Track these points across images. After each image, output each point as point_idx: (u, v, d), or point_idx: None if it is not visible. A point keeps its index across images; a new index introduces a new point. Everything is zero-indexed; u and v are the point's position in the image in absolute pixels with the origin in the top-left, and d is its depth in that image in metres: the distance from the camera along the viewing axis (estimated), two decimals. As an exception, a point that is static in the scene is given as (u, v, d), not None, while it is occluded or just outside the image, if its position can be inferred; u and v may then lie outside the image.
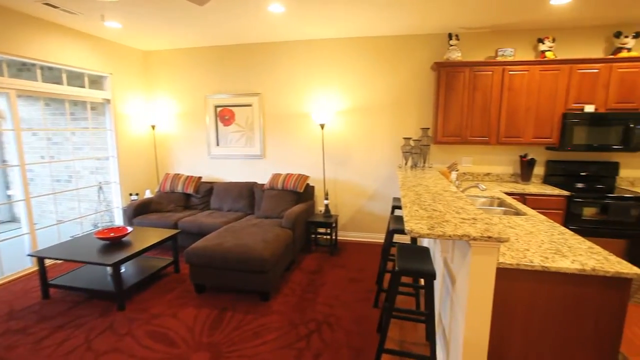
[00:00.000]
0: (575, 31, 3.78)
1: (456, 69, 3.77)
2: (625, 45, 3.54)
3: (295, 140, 4.68)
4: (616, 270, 1.58)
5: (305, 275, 3.58)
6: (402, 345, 2.44)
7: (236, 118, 4.83)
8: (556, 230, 2.16)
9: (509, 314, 1.73)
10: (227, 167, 4.98)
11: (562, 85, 3.58)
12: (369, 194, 4.61)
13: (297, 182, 4.31)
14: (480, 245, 1.62)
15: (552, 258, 1.70)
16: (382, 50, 4.25)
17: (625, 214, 3.38)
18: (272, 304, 2.99)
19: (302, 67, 4.49)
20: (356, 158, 4.56)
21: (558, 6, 3.15)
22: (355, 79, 4.38)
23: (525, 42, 3.90)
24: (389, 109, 4.36)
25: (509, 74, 3.66)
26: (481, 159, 4.20)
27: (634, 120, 3.45)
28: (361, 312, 2.87)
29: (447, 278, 2.20)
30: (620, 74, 3.47)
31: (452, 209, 2.04)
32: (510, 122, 3.74)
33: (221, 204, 4.56)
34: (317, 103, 4.54)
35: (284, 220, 3.77)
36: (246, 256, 2.97)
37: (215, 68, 4.77)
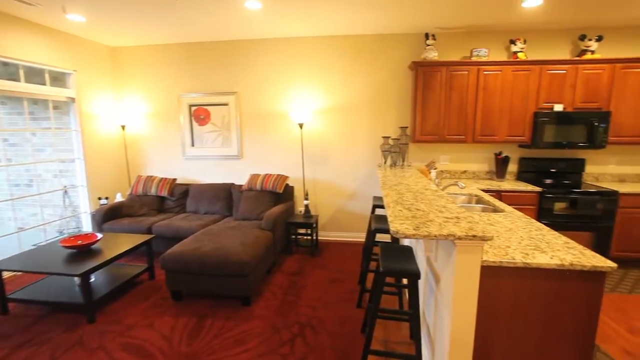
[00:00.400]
0: (545, 33, 3.93)
1: (433, 68, 3.82)
2: (589, 48, 3.72)
3: (274, 140, 4.60)
4: (592, 264, 1.63)
5: (287, 278, 3.52)
6: (386, 345, 2.43)
7: (212, 117, 4.68)
8: (533, 226, 2.22)
9: (493, 310, 1.75)
10: (203, 168, 4.82)
11: (533, 85, 3.71)
12: (348, 193, 4.60)
13: (276, 183, 4.23)
14: (465, 244, 1.63)
15: (532, 254, 1.74)
16: (361, 49, 4.25)
17: (592, 208, 3.55)
18: (254, 308, 2.91)
19: (280, 65, 4.41)
20: (335, 157, 4.53)
21: (529, 9, 3.26)
22: (333, 78, 4.36)
23: (498, 43, 4.01)
24: (367, 108, 4.37)
25: (484, 74, 3.76)
26: (458, 157, 4.29)
27: (598, 119, 3.63)
28: (344, 313, 2.84)
29: (431, 277, 2.21)
30: (585, 75, 3.64)
31: (435, 207, 2.05)
32: (485, 121, 3.83)
33: (197, 206, 4.41)
34: (295, 102, 4.47)
35: (263, 221, 3.68)
36: (225, 260, 2.87)
37: (189, 66, 4.59)
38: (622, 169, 4.08)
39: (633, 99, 3.64)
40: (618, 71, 3.60)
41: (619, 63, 3.59)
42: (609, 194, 3.52)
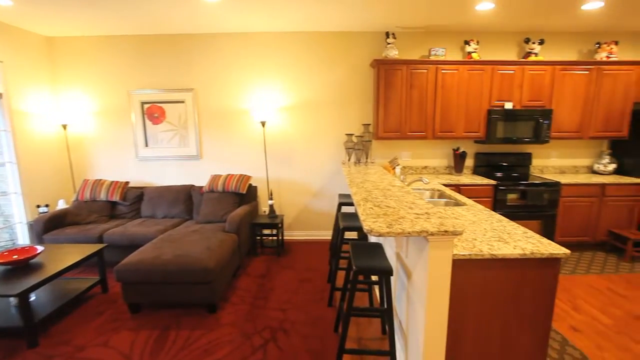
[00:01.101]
0: (495, 35, 4.18)
1: (394, 66, 3.90)
2: (533, 50, 4.01)
3: (235, 138, 4.43)
4: (550, 252, 1.74)
5: (254, 280, 3.41)
6: (360, 343, 2.44)
7: (167, 116, 4.39)
8: (494, 218, 2.33)
9: (462, 301, 1.81)
10: (160, 169, 4.52)
11: (486, 84, 3.93)
12: (313, 192, 4.57)
13: (239, 183, 4.08)
14: (437, 240, 1.66)
15: (497, 246, 1.82)
16: (323, 46, 4.22)
17: (539, 198, 3.85)
18: (221, 315, 2.78)
19: (240, 61, 4.25)
20: (299, 155, 4.48)
21: (482, 11, 3.43)
22: (296, 75, 4.29)
23: (454, 43, 4.19)
24: (331, 105, 4.36)
25: (442, 72, 3.90)
26: (419, 153, 4.43)
27: (542, 116, 3.93)
28: (316, 313, 2.81)
29: (402, 272, 2.24)
30: (530, 76, 3.93)
31: (404, 204, 2.08)
32: (444, 117, 3.99)
33: (154, 210, 4.12)
34: (257, 99, 4.34)
35: (227, 224, 3.54)
36: (189, 267, 2.70)
37: (140, 60, 4.26)
38: (562, 161, 4.48)
39: (570, 98, 3.99)
40: (557, 72, 3.93)
41: (558, 65, 3.92)
42: (553, 184, 3.84)
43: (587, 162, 4.49)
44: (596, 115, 4.03)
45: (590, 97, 4.00)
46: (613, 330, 2.60)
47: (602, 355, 2.32)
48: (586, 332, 2.56)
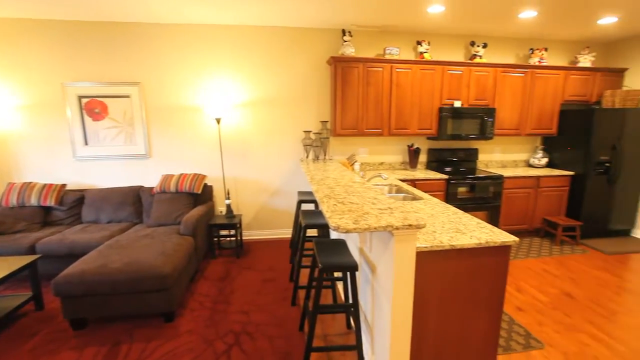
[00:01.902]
0: (445, 37, 4.41)
1: (351, 64, 3.94)
2: (478, 53, 4.30)
3: (188, 136, 4.19)
4: (502, 240, 1.87)
5: (213, 284, 3.27)
6: (326, 339, 2.44)
7: (110, 111, 4.02)
8: (450, 210, 2.46)
9: (425, 291, 1.89)
10: (103, 170, 4.13)
11: (437, 83, 4.13)
12: (272, 190, 4.49)
13: (193, 183, 3.88)
14: (402, 234, 1.71)
15: (455, 237, 1.92)
16: (280, 42, 4.14)
17: (486, 191, 4.15)
18: (179, 323, 2.62)
19: (193, 55, 4.02)
20: (257, 153, 4.36)
21: (433, 14, 3.59)
22: (253, 71, 4.16)
23: (407, 43, 4.35)
24: (288, 102, 4.30)
25: (396, 71, 4.03)
26: (376, 150, 4.55)
27: (487, 114, 4.24)
28: (280, 313, 2.76)
29: (366, 267, 2.28)
30: (476, 77, 4.21)
31: (367, 200, 2.11)
32: (399, 115, 4.13)
33: (98, 214, 3.77)
34: (211, 96, 4.14)
35: (182, 226, 3.34)
36: (142, 275, 2.50)
37: (77, 49, 3.84)
38: (503, 156, 4.87)
39: (510, 98, 4.35)
40: (499, 74, 4.26)
41: (500, 68, 4.24)
42: (497, 178, 4.16)
43: (525, 157, 4.94)
44: (531, 114, 4.44)
45: (526, 97, 4.39)
46: (549, 307, 2.88)
47: (541, 330, 2.56)
48: (528, 311, 2.82)
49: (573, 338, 2.47)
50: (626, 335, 2.51)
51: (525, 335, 2.48)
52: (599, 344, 2.41)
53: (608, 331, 2.55)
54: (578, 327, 2.60)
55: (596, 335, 2.50)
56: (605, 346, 2.39)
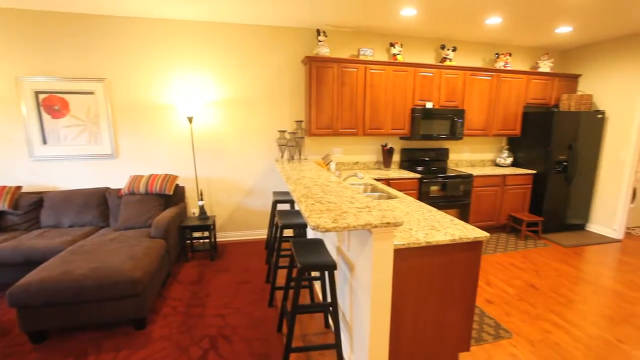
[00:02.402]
0: (417, 40, 4.52)
1: (325, 64, 3.95)
2: (448, 56, 4.45)
3: (159, 135, 4.03)
4: (474, 236, 1.95)
5: (186, 288, 3.16)
6: (304, 339, 2.43)
7: (72, 108, 3.79)
8: (424, 208, 2.53)
9: (402, 287, 1.93)
10: (64, 171, 3.88)
11: (409, 85, 4.23)
12: (246, 190, 4.41)
13: (164, 184, 3.74)
14: (380, 232, 1.73)
15: (430, 234, 1.98)
16: (254, 40, 4.08)
17: (457, 189, 4.31)
18: (152, 330, 2.51)
19: (164, 51, 3.86)
20: (231, 153, 4.27)
21: (406, 17, 3.68)
22: (226, 69, 4.07)
23: (381, 44, 4.42)
24: (263, 101, 4.24)
25: (370, 72, 4.09)
26: (350, 149, 4.59)
27: (456, 115, 4.40)
28: (257, 315, 2.72)
29: (344, 266, 2.29)
30: (447, 79, 4.36)
31: (345, 199, 2.12)
32: (373, 115, 4.19)
33: (59, 218, 3.54)
34: (183, 93, 4.01)
35: (153, 228, 3.21)
36: (111, 281, 2.38)
37: (33, 41, 3.58)
38: (472, 156, 5.08)
39: (478, 100, 4.54)
40: (468, 77, 4.43)
41: (468, 71, 4.42)
42: (467, 176, 4.33)
43: (491, 156, 5.18)
44: (497, 115, 4.66)
45: (493, 100, 4.60)
46: (516, 298, 3.04)
47: (509, 320, 2.69)
48: (497, 303, 2.95)
49: (537, 326, 2.62)
50: (582, 322, 2.69)
51: (495, 326, 2.60)
52: (560, 331, 2.57)
53: (567, 318, 2.73)
54: (541, 316, 2.76)
55: (557, 323, 2.67)
56: (565, 332, 2.55)
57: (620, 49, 4.44)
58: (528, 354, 2.31)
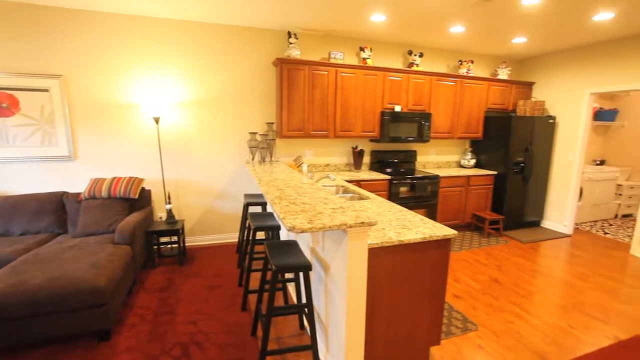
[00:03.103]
0: (386, 45, 4.66)
1: (297, 66, 3.97)
2: (415, 61, 4.62)
3: (122, 136, 3.84)
4: (444, 234, 2.04)
5: (154, 295, 3.03)
6: (279, 342, 2.42)
7: (22, 106, 3.52)
8: (395, 209, 2.60)
9: (376, 285, 1.97)
10: (13, 174, 3.59)
11: (379, 88, 4.35)
12: (216, 193, 4.31)
13: (128, 187, 3.56)
14: (355, 231, 1.76)
15: (402, 232, 2.04)
16: (225, 40, 4.00)
17: (424, 190, 4.47)
18: (117, 341, 2.38)
19: (129, 48, 3.69)
20: (200, 155, 4.16)
21: (375, 22, 3.78)
22: (195, 69, 3.96)
23: (351, 48, 4.51)
24: (233, 103, 4.18)
25: (341, 75, 4.15)
26: (321, 151, 4.62)
27: (423, 119, 4.57)
28: (230, 319, 2.67)
29: (318, 266, 2.31)
30: (414, 83, 4.52)
31: (318, 200, 2.14)
32: (344, 117, 4.26)
33: (7, 226, 3.26)
34: (149, 93, 3.85)
35: (117, 234, 3.05)
36: (71, 291, 2.23)
37: (-23, 33, 3.29)
38: (438, 157, 5.30)
39: (444, 104, 4.75)
40: (434, 82, 4.62)
41: (434, 76, 4.61)
42: (434, 177, 4.51)
43: (456, 158, 5.43)
44: (461, 119, 4.90)
45: (457, 104, 4.83)
46: (481, 292, 3.20)
47: (475, 313, 2.83)
48: (464, 298, 3.09)
49: (500, 318, 2.78)
50: (540, 311, 2.89)
51: (462, 320, 2.72)
52: (521, 321, 2.74)
53: (527, 309, 2.92)
54: (504, 308, 2.93)
55: (518, 314, 2.84)
56: (525, 322, 2.73)
57: (567, 60, 4.83)
58: (493, 344, 2.44)
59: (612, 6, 3.19)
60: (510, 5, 3.18)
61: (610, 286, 3.39)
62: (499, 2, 3.13)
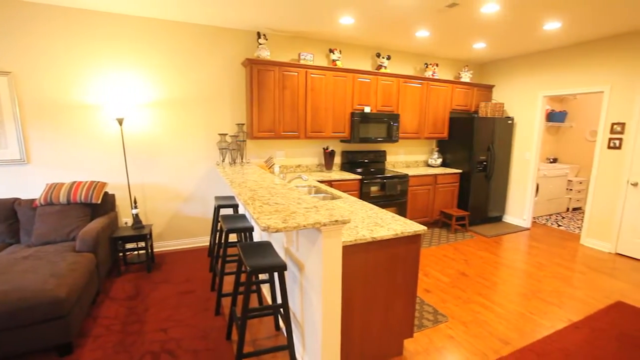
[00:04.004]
0: (355, 47, 4.75)
1: (267, 67, 3.95)
2: (383, 64, 4.75)
3: (82, 138, 3.63)
4: (414, 230, 2.11)
5: (121, 304, 2.89)
6: (255, 344, 2.39)
7: (-33, 106, 3.24)
8: (367, 207, 2.66)
9: (350, 282, 2.01)
10: (-43, 180, 3.29)
11: (349, 90, 4.42)
12: (185, 196, 4.19)
13: (90, 192, 3.38)
14: (329, 230, 1.79)
15: (375, 230, 2.09)
16: (193, 39, 3.90)
17: (394, 189, 4.59)
18: (80, 355, 2.25)
19: (89, 45, 3.49)
20: (168, 157, 4.03)
21: (344, 25, 3.84)
22: (161, 68, 3.83)
23: (321, 50, 4.55)
24: (202, 103, 4.08)
25: (311, 76, 4.18)
26: (293, 152, 4.62)
27: (392, 119, 4.70)
28: (204, 324, 2.60)
29: (293, 266, 2.31)
30: (383, 85, 4.64)
31: (292, 200, 2.15)
32: (314, 118, 4.29)
33: (-48, 236, 2.99)
34: (111, 93, 3.67)
35: (78, 241, 2.88)
36: (28, 304, 2.08)
37: None
38: (407, 157, 5.47)
39: (411, 106, 4.91)
40: (402, 84, 4.77)
41: (402, 78, 4.76)
42: (403, 177, 4.64)
43: (424, 158, 5.63)
44: (428, 120, 5.09)
45: (423, 105, 5.01)
46: (449, 285, 3.34)
47: (445, 306, 2.95)
48: (434, 291, 3.21)
49: (468, 309, 2.92)
50: (503, 300, 3.06)
51: (433, 313, 2.83)
52: (487, 310, 2.89)
53: (492, 299, 3.08)
54: (471, 299, 3.07)
55: (484, 304, 3.00)
56: (491, 311, 2.88)
57: (523, 65, 5.16)
58: (462, 334, 2.56)
59: (559, 17, 3.47)
60: (471, 12, 3.36)
61: (563, 274, 3.66)
62: (461, 10, 3.30)
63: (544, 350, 2.37)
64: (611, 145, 4.23)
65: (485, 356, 2.32)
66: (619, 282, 3.49)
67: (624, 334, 2.58)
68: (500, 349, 2.40)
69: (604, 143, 4.31)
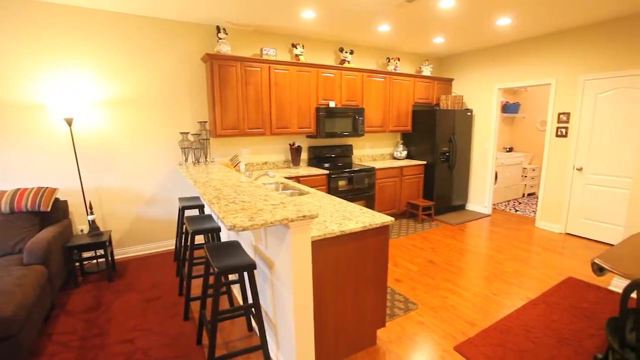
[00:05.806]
0: (318, 42, 4.72)
1: (228, 62, 3.83)
2: (346, 59, 4.77)
3: (25, 141, 3.34)
4: (382, 221, 2.14)
5: (79, 318, 2.71)
6: (228, 346, 2.33)
7: None
8: (335, 201, 2.67)
9: (321, 276, 2.00)
10: None
11: (313, 85, 4.40)
12: (147, 198, 3.99)
13: (37, 199, 3.12)
14: (297, 225, 1.77)
15: (343, 223, 2.10)
16: (147, 34, 3.69)
17: (362, 182, 4.65)
18: (34, 376, 2.08)
19: (33, 38, 3.19)
20: (125, 158, 3.80)
21: (306, 19, 3.81)
22: (114, 64, 3.59)
23: (283, 45, 4.48)
24: (160, 101, 3.89)
25: (275, 71, 4.11)
26: (259, 149, 4.54)
27: (357, 114, 4.75)
28: (172, 331, 2.49)
29: (263, 265, 2.27)
30: (347, 80, 4.66)
31: (258, 197, 2.10)
32: (279, 114, 4.23)
33: None
34: (58, 91, 3.39)
35: (26, 254, 2.65)
36: (-33, 325, 1.88)
37: None
38: (373, 151, 5.55)
39: (375, 100, 4.98)
40: (365, 79, 4.82)
41: (365, 72, 4.81)
42: (370, 170, 4.71)
43: (389, 150, 5.75)
44: (392, 113, 5.19)
45: (387, 99, 5.11)
46: (418, 274, 3.44)
47: (415, 294, 3.04)
48: (404, 280, 3.30)
49: (437, 295, 3.02)
50: (468, 284, 3.21)
51: (404, 301, 2.90)
52: (454, 295, 3.01)
53: (458, 284, 3.22)
54: (439, 286, 3.19)
55: (451, 289, 3.12)
56: (458, 295, 3.00)
57: (479, 58, 5.40)
58: (432, 320, 2.64)
59: (509, 13, 3.65)
60: (430, 7, 3.45)
61: (521, 255, 3.89)
62: (419, 4, 3.37)
63: (507, 327, 2.50)
64: (559, 134, 4.55)
65: (454, 338, 2.41)
66: (569, 259, 3.77)
67: (574, 306, 2.79)
68: (467, 330, 2.51)
69: (553, 132, 4.62)
